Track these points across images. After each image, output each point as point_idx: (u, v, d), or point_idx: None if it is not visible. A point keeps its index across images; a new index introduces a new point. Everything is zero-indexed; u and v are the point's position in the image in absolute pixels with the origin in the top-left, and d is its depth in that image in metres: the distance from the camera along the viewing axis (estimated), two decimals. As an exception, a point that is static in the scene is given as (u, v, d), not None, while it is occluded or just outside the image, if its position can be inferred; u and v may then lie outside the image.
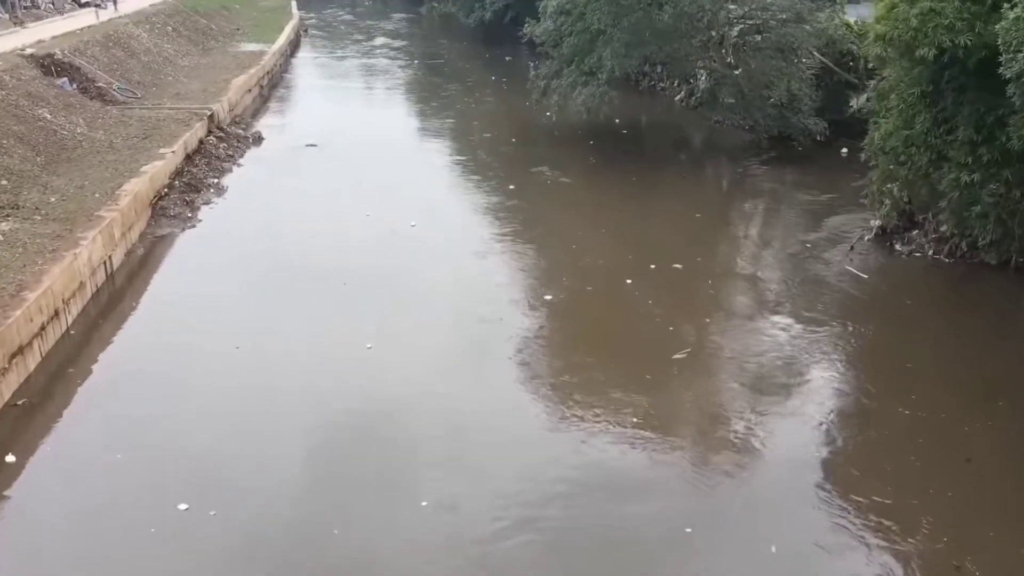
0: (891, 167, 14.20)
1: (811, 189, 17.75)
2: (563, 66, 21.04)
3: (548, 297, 12.71)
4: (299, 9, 48.31)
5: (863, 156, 15.46)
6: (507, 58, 35.39)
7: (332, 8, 56.95)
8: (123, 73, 23.11)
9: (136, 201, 14.54)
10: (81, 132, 17.56)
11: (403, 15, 53.22)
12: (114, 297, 12.72)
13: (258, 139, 21.73)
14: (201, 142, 19.41)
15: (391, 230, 14.96)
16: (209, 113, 20.70)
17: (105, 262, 12.86)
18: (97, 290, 12.50)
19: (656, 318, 12.08)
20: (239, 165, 19.49)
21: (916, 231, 14.58)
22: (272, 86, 29.94)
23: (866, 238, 14.82)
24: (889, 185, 14.46)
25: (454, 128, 23.34)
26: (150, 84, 23.53)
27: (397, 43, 40.78)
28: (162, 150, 17.26)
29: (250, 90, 26.19)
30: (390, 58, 36.03)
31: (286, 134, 22.48)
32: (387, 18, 52.33)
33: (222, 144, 20.09)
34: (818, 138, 19.68)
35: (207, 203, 16.71)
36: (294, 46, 38.81)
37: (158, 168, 16.13)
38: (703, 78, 25.74)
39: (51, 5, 31.22)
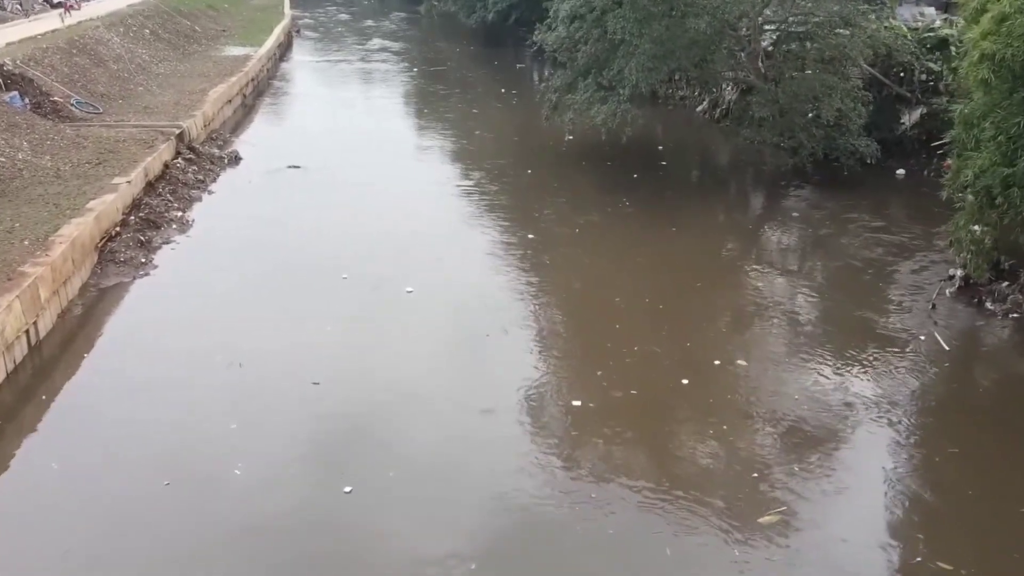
0: (982, 209, 11.83)
1: (871, 223, 15.34)
2: (578, 78, 18.64)
3: (576, 403, 9.67)
4: (293, 8, 45.90)
5: (943, 194, 13.11)
6: (518, 66, 33.00)
7: (328, 6, 54.52)
8: (85, 84, 20.68)
9: (75, 248, 12.13)
10: (23, 158, 15.13)
11: (402, 14, 50.82)
12: (38, 376, 10.30)
13: (235, 159, 19.31)
14: (166, 166, 17.00)
15: (379, 298, 12.28)
16: (178, 131, 18.29)
17: (27, 332, 10.45)
18: (13, 369, 10.10)
19: (730, 449, 8.80)
20: (209, 192, 17.07)
21: (1009, 283, 12.22)
22: (258, 94, 27.53)
23: (948, 291, 12.44)
24: (977, 228, 12.10)
25: (458, 151, 20.74)
26: (116, 96, 21.10)
27: (395, 46, 38.36)
28: (116, 179, 14.83)
29: (231, 101, 23.77)
30: (388, 63, 33.59)
31: (268, 153, 20.03)
32: (385, 17, 49.93)
33: (191, 168, 17.67)
34: (868, 161, 17.27)
35: (167, 242, 14.30)
36: (284, 49, 36.43)
37: (108, 203, 13.71)
38: (730, 89, 23.49)
39: (18, 6, 28.77)
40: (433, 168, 19.00)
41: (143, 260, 13.40)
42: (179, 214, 15.36)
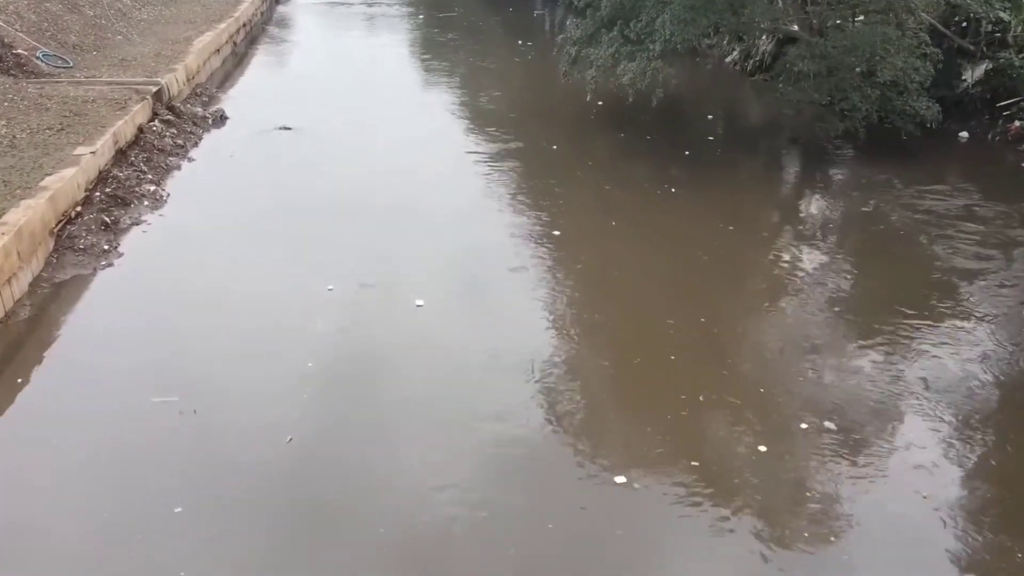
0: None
1: (951, 203, 13.41)
2: (600, 30, 16.59)
3: (620, 480, 7.43)
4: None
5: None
6: (536, 12, 30.70)
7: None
8: (55, 34, 18.73)
9: (23, 238, 10.43)
10: (-27, 124, 13.35)
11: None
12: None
13: (220, 119, 17.46)
14: (140, 130, 15.16)
15: (378, 313, 10.19)
16: (156, 89, 16.41)
17: (-44, 347, 8.83)
18: (-61, 394, 8.49)
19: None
20: (189, 160, 15.26)
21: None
22: (251, 41, 25.47)
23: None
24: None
25: (470, 115, 18.42)
26: (91, 47, 19.15)
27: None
28: (80, 149, 13.06)
29: (219, 50, 21.78)
30: (391, 6, 31.28)
31: (258, 110, 18.15)
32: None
33: (170, 131, 15.83)
34: (929, 124, 15.31)
35: (137, 222, 12.57)
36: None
37: (67, 179, 11.96)
38: (764, 39, 21.38)
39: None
40: (441, 135, 16.86)
41: (107, 247, 11.67)
42: (152, 188, 13.59)
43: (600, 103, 17.77)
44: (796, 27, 17.19)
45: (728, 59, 22.85)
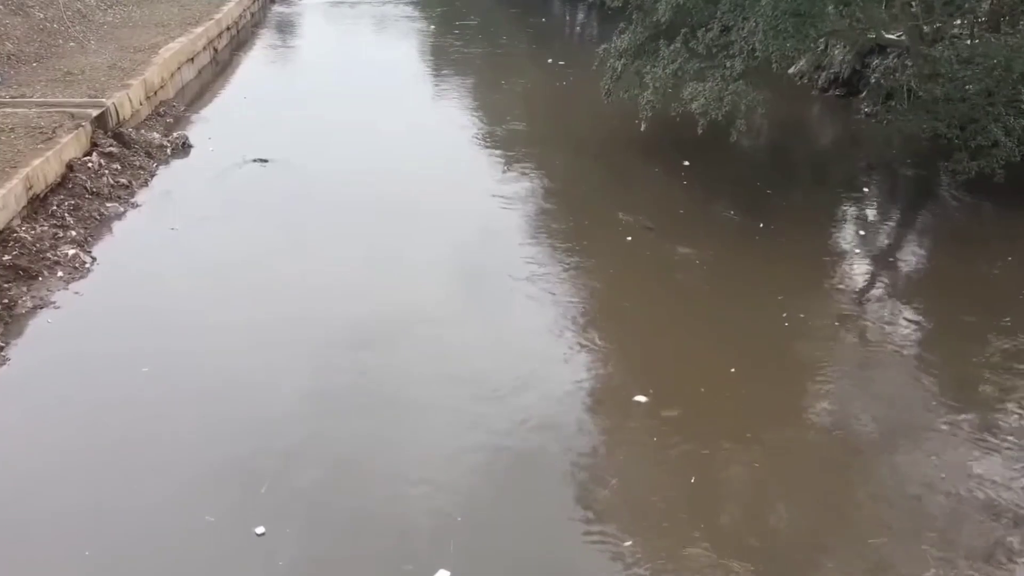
0: None
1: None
2: (657, 40, 13.09)
3: None
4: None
5: None
6: (579, 23, 26.97)
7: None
8: (-11, 41, 15.44)
9: None
10: None
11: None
12: None
13: (182, 148, 14.12)
14: (70, 168, 11.82)
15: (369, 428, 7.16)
16: (98, 112, 13.07)
17: None
18: None
19: None
20: (133, 207, 11.91)
21: None
22: (237, 46, 22.12)
23: None
24: None
25: (494, 153, 14.61)
26: (31, 58, 15.80)
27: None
28: (-27, 202, 9.76)
29: (192, 59, 18.43)
30: (400, 10, 27.79)
31: (230, 136, 14.85)
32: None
33: (112, 167, 12.48)
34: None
35: (42, 305, 9.22)
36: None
37: (-61, 251, 8.64)
38: (841, 47, 17.93)
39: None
40: (458, 180, 13.18)
41: (-13, 350, 8.35)
42: (72, 251, 10.23)
43: (635, 123, 14.23)
44: (904, 35, 13.70)
45: (792, 70, 19.29)
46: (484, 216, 11.79)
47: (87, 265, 10.12)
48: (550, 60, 20.62)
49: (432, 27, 25.66)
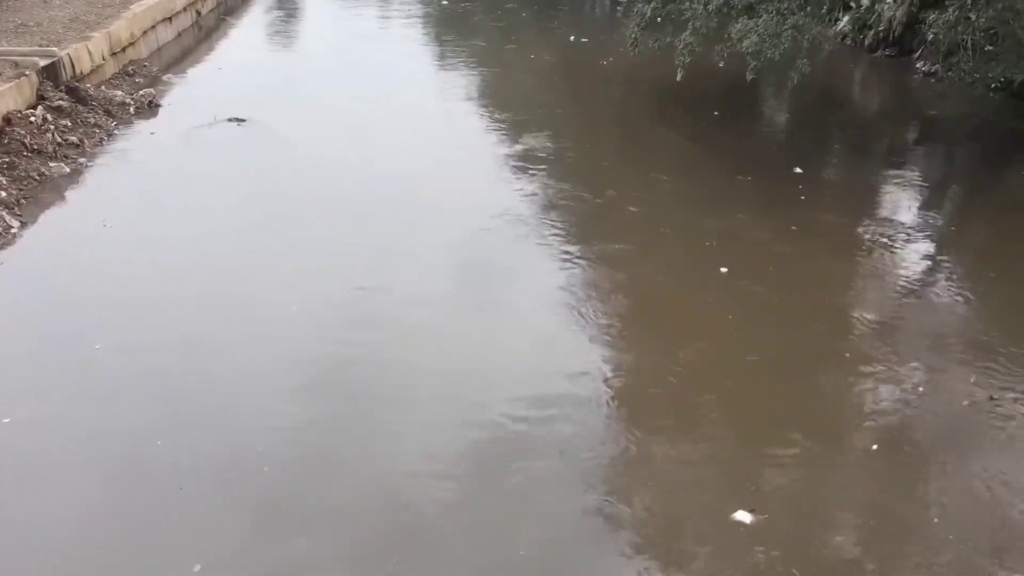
0: None
1: None
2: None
3: None
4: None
5: None
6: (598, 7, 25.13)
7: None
8: (-67, -11, 13.67)
9: None
10: None
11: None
12: None
13: (148, 107, 12.34)
14: (8, 122, 10.04)
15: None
16: (47, 62, 11.29)
17: None
18: None
19: None
20: (82, 167, 10.13)
21: None
22: (227, 11, 20.31)
23: None
24: None
25: (510, 131, 12.48)
26: (-16, 9, 14.08)
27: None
28: None
29: (171, 19, 16.63)
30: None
31: (207, 96, 13.08)
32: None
33: (61, 122, 10.71)
34: None
35: (-52, 278, 7.46)
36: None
37: None
38: (891, 3, 16.14)
39: None
40: (463, 156, 11.13)
41: None
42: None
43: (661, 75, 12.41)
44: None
45: (836, 29, 17.39)
46: (496, 202, 9.96)
47: (13, 230, 8.35)
48: (571, 38, 18.80)
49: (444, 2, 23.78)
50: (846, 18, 17.23)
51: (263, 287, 7.46)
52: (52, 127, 10.47)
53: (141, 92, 12.64)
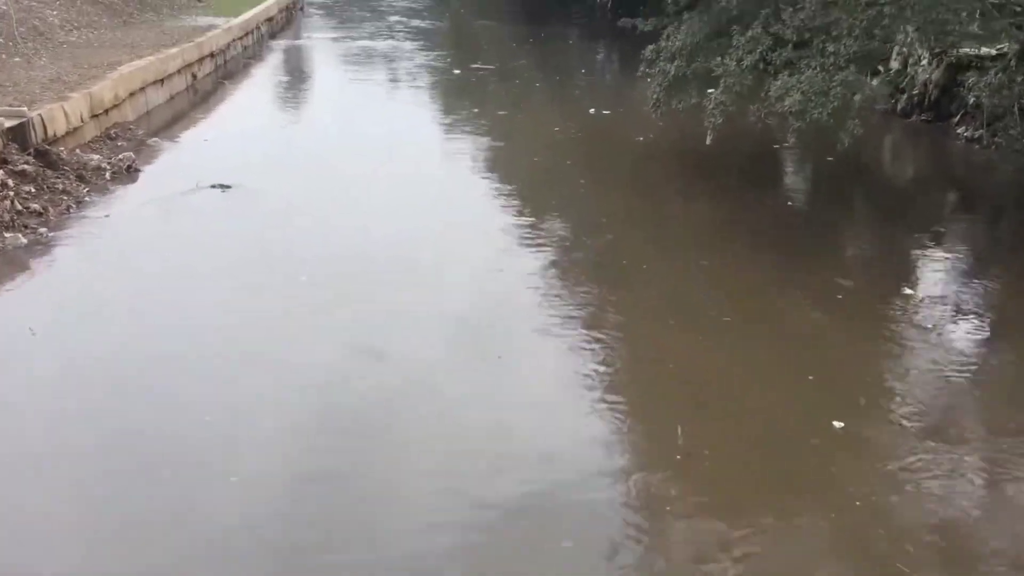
0: None
1: None
2: (718, 37, 10.29)
3: None
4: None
5: None
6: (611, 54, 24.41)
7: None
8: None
9: None
10: None
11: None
12: None
13: (126, 172, 11.30)
14: (-40, 188, 9.01)
15: None
16: (14, 124, 10.29)
17: None
18: None
19: None
20: (39, 241, 9.00)
21: None
22: (224, 76, 19.52)
23: None
24: None
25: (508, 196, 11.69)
26: (-41, 70, 13.19)
27: (420, 24, 29.99)
28: None
29: (162, 81, 15.77)
30: (410, 50, 25.02)
31: (194, 163, 12.08)
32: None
33: (24, 188, 9.62)
34: None
35: None
36: (280, 26, 28.35)
37: None
38: (926, 63, 15.28)
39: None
40: (466, 250, 9.53)
41: None
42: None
43: (650, 141, 11.32)
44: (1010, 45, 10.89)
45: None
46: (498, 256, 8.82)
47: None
48: (592, 110, 17.89)
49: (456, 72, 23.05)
50: (875, 82, 16.31)
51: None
52: (12, 193, 9.40)
53: (120, 156, 11.62)
